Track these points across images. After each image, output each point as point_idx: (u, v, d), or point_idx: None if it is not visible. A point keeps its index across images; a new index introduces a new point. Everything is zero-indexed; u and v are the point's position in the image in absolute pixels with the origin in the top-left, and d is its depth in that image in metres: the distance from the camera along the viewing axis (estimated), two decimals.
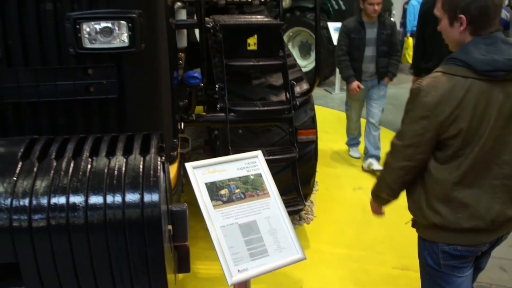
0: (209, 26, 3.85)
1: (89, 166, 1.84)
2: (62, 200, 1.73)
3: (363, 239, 3.99)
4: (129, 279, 1.80)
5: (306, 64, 9.33)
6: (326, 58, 8.40)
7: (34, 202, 1.72)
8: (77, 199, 1.74)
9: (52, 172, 1.81)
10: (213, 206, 2.10)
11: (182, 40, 3.35)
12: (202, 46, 3.20)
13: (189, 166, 2.16)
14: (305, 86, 4.04)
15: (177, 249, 2.10)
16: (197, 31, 3.36)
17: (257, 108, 3.65)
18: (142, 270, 1.79)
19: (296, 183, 3.75)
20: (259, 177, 2.29)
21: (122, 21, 2.14)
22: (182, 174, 2.77)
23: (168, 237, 1.92)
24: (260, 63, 3.78)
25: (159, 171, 1.87)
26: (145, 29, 2.19)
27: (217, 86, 3.62)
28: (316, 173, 4.23)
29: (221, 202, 2.13)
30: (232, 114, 3.58)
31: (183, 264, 2.15)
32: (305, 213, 4.39)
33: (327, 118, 7.11)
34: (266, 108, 3.68)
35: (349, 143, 5.91)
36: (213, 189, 2.15)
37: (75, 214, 1.72)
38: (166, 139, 2.32)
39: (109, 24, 2.13)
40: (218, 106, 3.58)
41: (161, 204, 1.78)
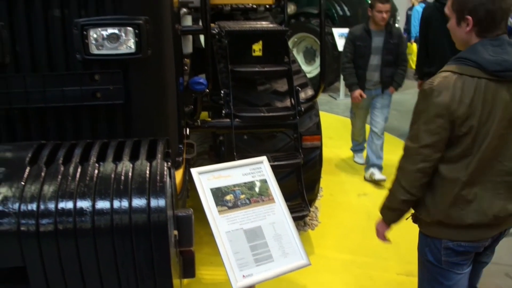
0: (215, 32, 3.86)
1: (96, 171, 1.85)
2: (70, 205, 1.74)
3: (368, 245, 3.97)
4: (135, 284, 1.81)
5: (311, 70, 9.35)
6: (331, 64, 8.41)
7: (42, 207, 1.73)
8: (84, 204, 1.75)
9: (60, 177, 1.82)
10: (218, 212, 2.11)
11: (188, 46, 3.37)
12: (208, 52, 3.22)
13: (195, 172, 2.18)
14: (310, 92, 4.04)
15: (183, 254, 2.10)
16: (203, 37, 3.37)
17: (262, 114, 3.66)
18: (148, 275, 1.79)
19: (301, 189, 3.75)
20: (264, 183, 2.30)
21: (129, 28, 2.15)
22: (188, 180, 2.77)
23: (174, 242, 1.92)
24: (265, 69, 3.79)
25: (166, 177, 1.88)
26: (152, 36, 2.20)
27: (222, 92, 3.63)
28: (321, 179, 4.23)
29: (226, 208, 2.14)
30: (237, 120, 3.59)
31: (188, 269, 2.14)
32: (310, 219, 4.39)
33: (332, 124, 7.11)
34: (271, 114, 3.68)
35: (354, 149, 5.90)
36: (218, 195, 2.16)
37: (82, 219, 1.73)
38: (172, 145, 2.33)
39: (116, 31, 2.14)
40: (223, 112, 3.59)
41: (168, 209, 1.79)
